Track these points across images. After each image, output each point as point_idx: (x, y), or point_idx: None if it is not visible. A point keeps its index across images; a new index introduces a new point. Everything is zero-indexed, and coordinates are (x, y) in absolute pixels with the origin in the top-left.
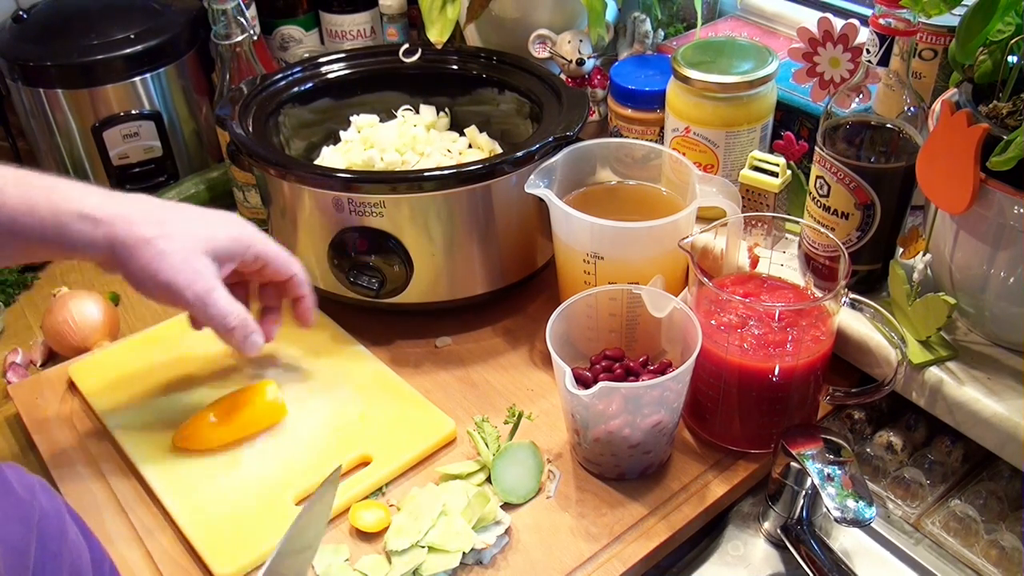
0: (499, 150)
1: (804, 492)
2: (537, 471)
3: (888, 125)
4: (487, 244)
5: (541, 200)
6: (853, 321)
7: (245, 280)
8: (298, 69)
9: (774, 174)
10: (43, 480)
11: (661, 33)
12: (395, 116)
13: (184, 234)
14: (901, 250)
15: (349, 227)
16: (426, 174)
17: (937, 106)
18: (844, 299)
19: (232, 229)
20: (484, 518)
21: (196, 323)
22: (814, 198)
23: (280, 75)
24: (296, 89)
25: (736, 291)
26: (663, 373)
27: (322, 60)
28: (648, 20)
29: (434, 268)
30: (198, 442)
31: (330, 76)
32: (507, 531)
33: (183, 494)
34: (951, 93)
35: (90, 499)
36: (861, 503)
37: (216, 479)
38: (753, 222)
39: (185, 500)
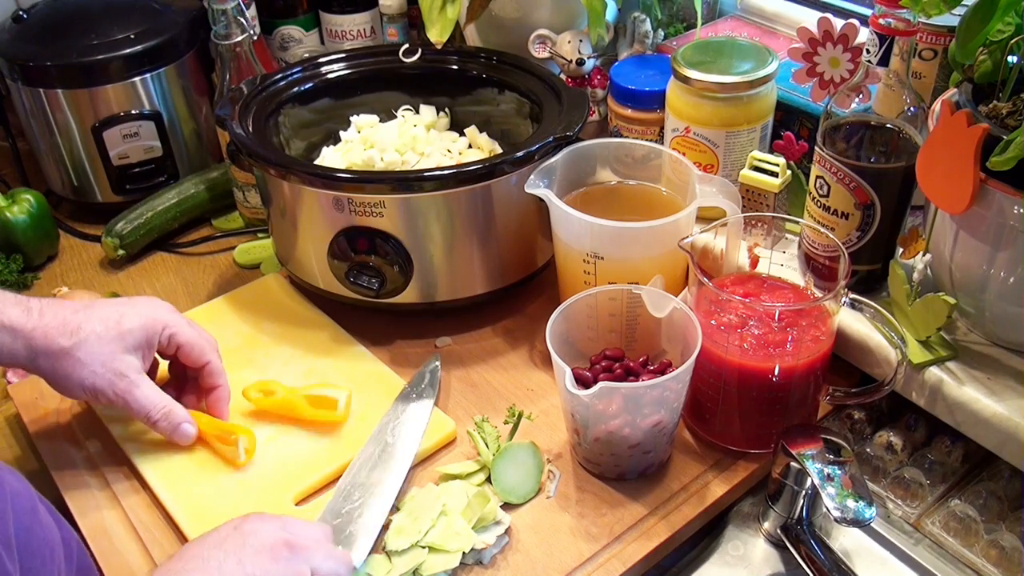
0: (499, 150)
1: (804, 492)
2: (537, 471)
3: (888, 125)
4: (487, 244)
5: (541, 200)
6: (853, 321)
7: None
8: (298, 69)
9: (774, 174)
10: (8, 466)
11: (661, 33)
12: (395, 116)
13: (99, 338)
14: (901, 250)
15: (349, 227)
16: (426, 174)
17: (937, 106)
18: (844, 299)
19: (146, 313)
20: (484, 518)
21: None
22: (814, 198)
23: (280, 75)
24: (296, 89)
25: (736, 291)
26: (663, 373)
27: (322, 60)
28: (648, 20)
29: (434, 268)
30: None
31: (330, 76)
32: (507, 531)
33: (183, 494)
34: (951, 93)
35: (90, 499)
36: (861, 503)
37: (216, 479)
38: (753, 222)
39: (185, 500)
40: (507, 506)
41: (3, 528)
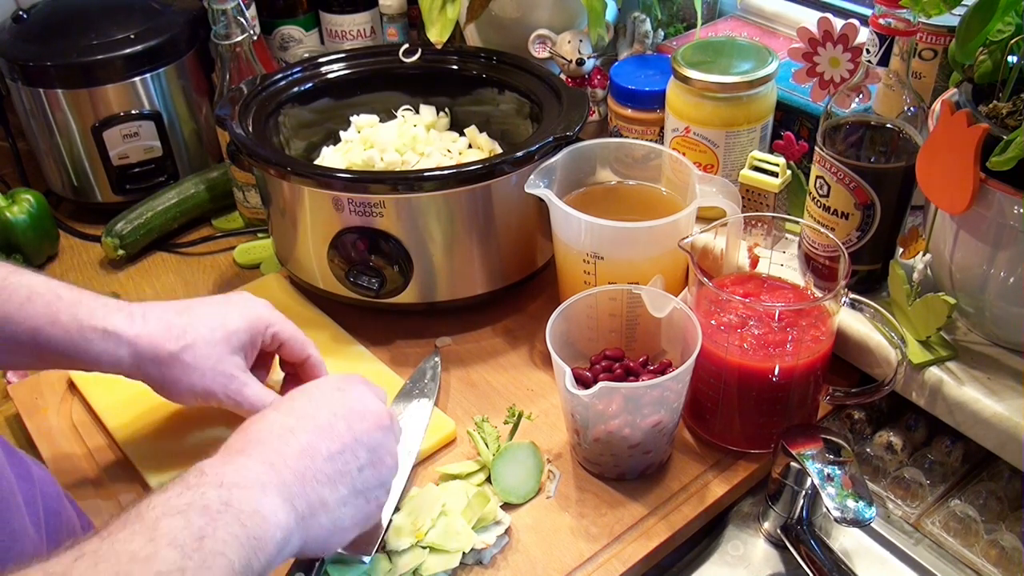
0: (499, 150)
1: (804, 492)
2: (537, 471)
3: (888, 125)
4: (487, 244)
5: (541, 200)
6: (853, 321)
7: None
8: (298, 69)
9: (774, 174)
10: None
11: (661, 33)
12: (395, 116)
13: (206, 340)
14: (901, 250)
15: (349, 227)
16: (426, 174)
17: (937, 106)
18: (844, 299)
19: (248, 313)
20: (484, 518)
21: None
22: (814, 198)
23: (280, 75)
24: (296, 89)
25: (736, 291)
26: (663, 373)
27: (322, 60)
28: (648, 20)
29: (434, 268)
30: None
31: (330, 76)
32: (507, 531)
33: None
34: (951, 93)
35: (90, 499)
36: (861, 503)
37: None
38: (753, 222)
39: None
40: (507, 506)
41: (35, 511)
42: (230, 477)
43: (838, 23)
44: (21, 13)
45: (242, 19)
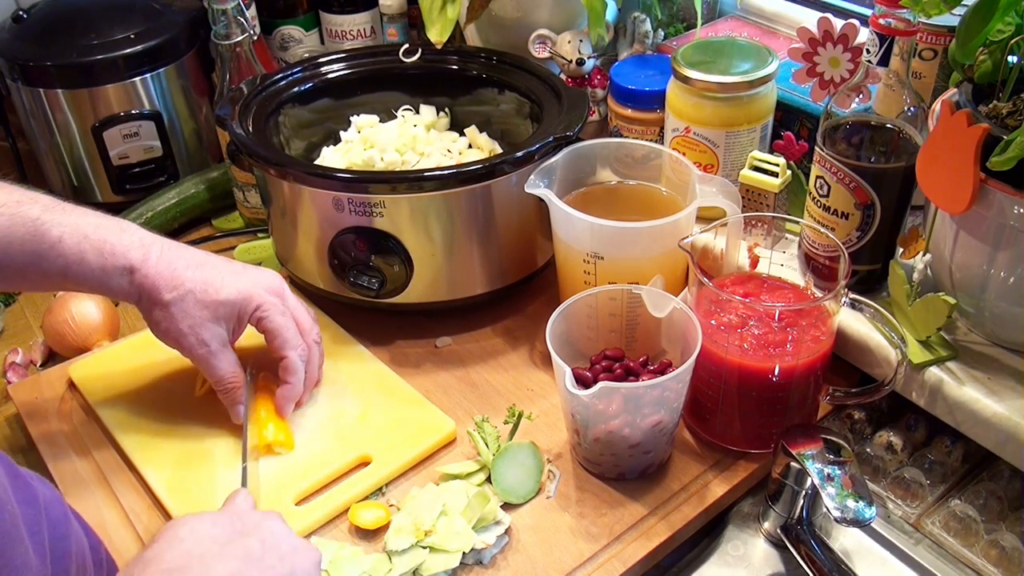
0: (499, 150)
1: (804, 492)
2: (537, 471)
3: (888, 125)
4: (487, 244)
5: (541, 200)
6: (853, 321)
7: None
8: (298, 69)
9: (774, 174)
10: (36, 473)
11: (661, 33)
12: (395, 116)
13: (196, 300)
14: (901, 250)
15: (349, 227)
16: (426, 174)
17: (937, 106)
18: (844, 299)
19: (247, 288)
20: (484, 518)
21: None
22: (814, 198)
23: (280, 75)
24: (296, 89)
25: (736, 291)
26: (663, 373)
27: (322, 60)
28: (648, 20)
29: (434, 268)
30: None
31: (330, 76)
32: (507, 531)
33: (184, 495)
34: (951, 93)
35: (91, 500)
36: (861, 503)
37: (216, 480)
38: (753, 222)
39: (185, 501)
40: (507, 506)
41: (39, 540)
42: None
43: (838, 23)
44: (21, 13)
45: (242, 19)
